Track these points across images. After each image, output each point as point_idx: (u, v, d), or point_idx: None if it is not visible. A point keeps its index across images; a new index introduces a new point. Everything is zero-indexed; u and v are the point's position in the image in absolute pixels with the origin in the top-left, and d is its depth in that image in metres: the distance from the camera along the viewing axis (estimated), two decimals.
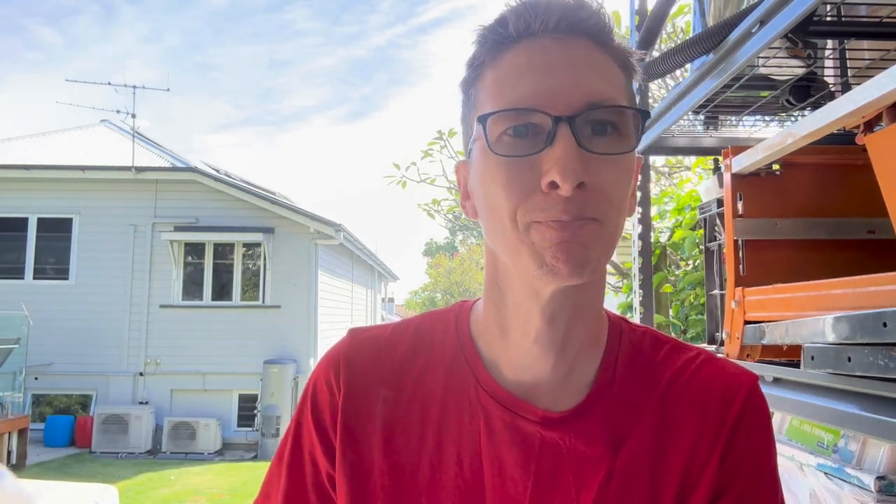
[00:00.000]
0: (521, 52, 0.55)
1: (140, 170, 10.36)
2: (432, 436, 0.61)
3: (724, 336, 1.57)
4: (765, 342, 1.40)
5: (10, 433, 7.77)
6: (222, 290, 10.77)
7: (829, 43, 1.65)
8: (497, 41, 0.57)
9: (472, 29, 0.59)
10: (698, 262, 3.39)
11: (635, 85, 0.60)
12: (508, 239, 0.55)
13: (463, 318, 0.67)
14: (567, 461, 0.58)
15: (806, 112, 1.70)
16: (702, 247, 2.09)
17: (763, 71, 1.59)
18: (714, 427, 0.59)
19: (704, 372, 0.62)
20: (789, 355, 1.44)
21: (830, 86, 1.63)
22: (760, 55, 1.36)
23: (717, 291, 1.86)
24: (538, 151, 0.53)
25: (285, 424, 9.12)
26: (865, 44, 1.60)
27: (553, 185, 0.52)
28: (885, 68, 1.00)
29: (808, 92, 1.57)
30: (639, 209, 2.26)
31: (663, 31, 3.25)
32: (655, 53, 1.84)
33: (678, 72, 3.27)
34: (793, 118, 1.88)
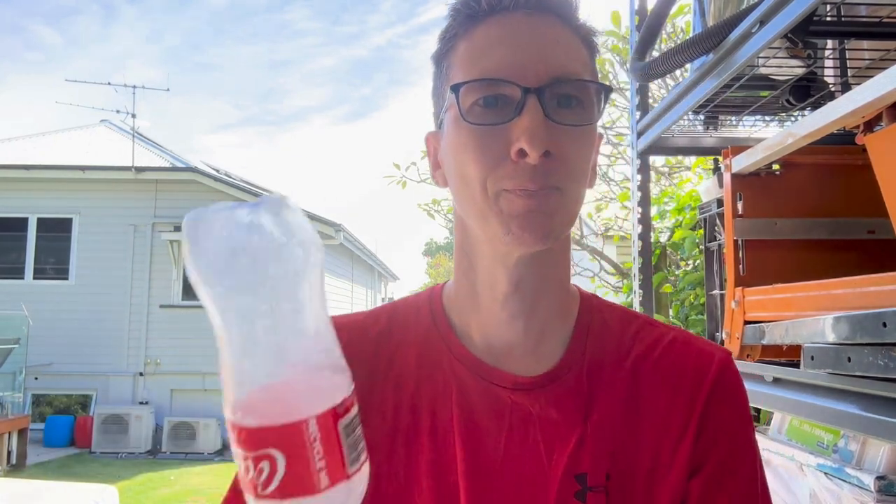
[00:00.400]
0: (493, 26, 0.58)
1: (140, 170, 10.37)
2: (406, 411, 0.61)
3: (724, 336, 1.57)
4: (765, 342, 1.39)
5: (10, 433, 7.77)
6: None
7: (829, 43, 1.65)
8: (470, 14, 0.59)
9: (444, 2, 0.62)
10: (698, 262, 3.39)
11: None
12: (478, 206, 0.57)
13: (436, 295, 0.69)
14: (538, 427, 0.59)
15: (806, 112, 1.70)
16: (702, 247, 2.09)
17: (763, 71, 1.59)
18: (686, 404, 0.60)
19: (676, 348, 0.63)
20: (789, 355, 1.44)
21: (830, 86, 1.63)
22: (760, 55, 1.36)
23: (717, 291, 1.86)
24: (508, 121, 0.55)
25: None
26: (865, 44, 1.60)
27: (521, 154, 0.54)
28: (885, 68, 1.00)
29: (808, 92, 1.57)
30: (639, 209, 2.26)
31: (663, 31, 3.25)
32: (655, 53, 1.84)
33: (678, 72, 3.27)
34: (793, 118, 1.88)
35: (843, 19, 1.47)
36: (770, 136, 1.46)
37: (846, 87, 1.62)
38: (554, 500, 0.57)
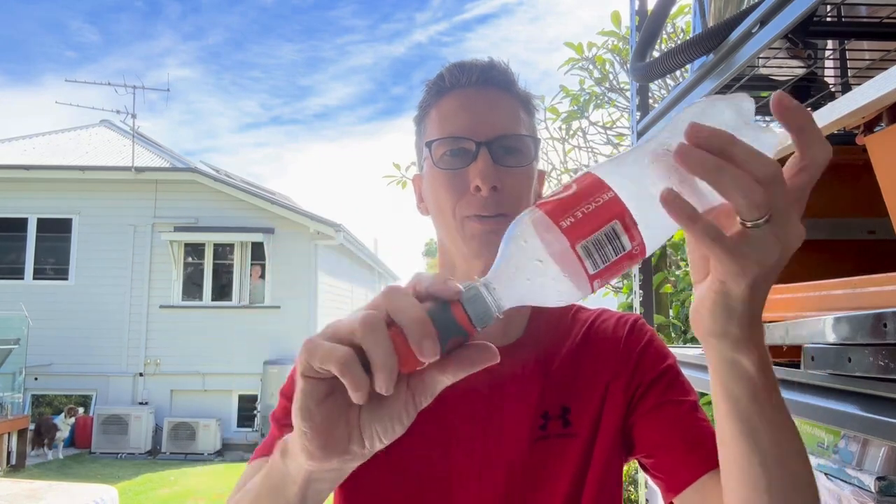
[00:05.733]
0: (455, 97, 0.81)
1: (140, 170, 10.37)
2: None
3: None
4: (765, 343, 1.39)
5: (9, 433, 7.77)
6: (222, 291, 10.78)
7: (829, 43, 1.64)
8: (437, 90, 0.83)
9: (423, 82, 0.86)
10: None
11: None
12: (450, 229, 0.80)
13: None
14: (510, 381, 0.81)
15: None
16: None
17: (763, 71, 1.59)
18: (615, 347, 0.84)
19: (604, 316, 0.89)
20: (789, 356, 1.44)
21: (830, 86, 1.62)
22: (760, 56, 1.36)
23: None
24: (467, 166, 0.78)
25: None
26: (865, 44, 1.60)
27: (477, 189, 0.77)
28: (885, 69, 1.00)
29: (808, 92, 1.57)
30: None
31: (663, 32, 3.25)
32: (656, 54, 1.84)
33: (678, 72, 3.27)
34: None
35: (843, 20, 1.47)
36: None
37: (846, 87, 1.62)
38: (527, 431, 0.79)
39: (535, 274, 0.45)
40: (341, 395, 0.45)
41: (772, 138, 0.49)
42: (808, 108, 1.64)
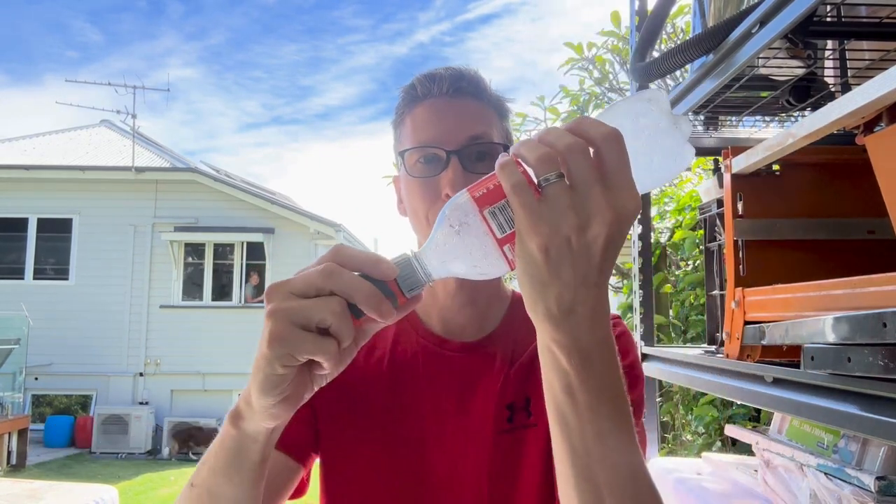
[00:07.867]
0: (427, 107, 0.83)
1: (140, 170, 10.37)
2: (387, 373, 0.86)
3: (724, 336, 1.57)
4: (765, 342, 1.39)
5: (10, 433, 7.77)
6: (222, 291, 10.77)
7: (829, 43, 1.64)
8: (410, 99, 0.85)
9: (399, 89, 0.88)
10: (698, 262, 3.39)
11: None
12: (424, 234, 0.82)
13: None
14: (479, 376, 0.84)
15: (806, 112, 1.70)
16: (702, 247, 2.09)
17: (763, 71, 1.59)
18: None
19: None
20: (789, 355, 1.44)
21: (830, 86, 1.62)
22: (760, 56, 1.36)
23: (717, 292, 1.86)
24: (437, 174, 0.80)
25: None
26: (865, 44, 1.60)
27: (447, 196, 0.77)
28: (885, 69, 1.00)
29: (808, 92, 1.57)
30: None
31: (663, 32, 3.25)
32: (655, 54, 1.84)
33: (678, 72, 3.27)
34: (793, 118, 1.88)
35: (843, 20, 1.47)
36: (770, 137, 1.46)
37: (846, 87, 1.62)
38: (492, 423, 0.81)
39: (455, 242, 0.50)
40: (306, 367, 0.51)
41: (685, 125, 0.52)
42: (808, 109, 1.64)
